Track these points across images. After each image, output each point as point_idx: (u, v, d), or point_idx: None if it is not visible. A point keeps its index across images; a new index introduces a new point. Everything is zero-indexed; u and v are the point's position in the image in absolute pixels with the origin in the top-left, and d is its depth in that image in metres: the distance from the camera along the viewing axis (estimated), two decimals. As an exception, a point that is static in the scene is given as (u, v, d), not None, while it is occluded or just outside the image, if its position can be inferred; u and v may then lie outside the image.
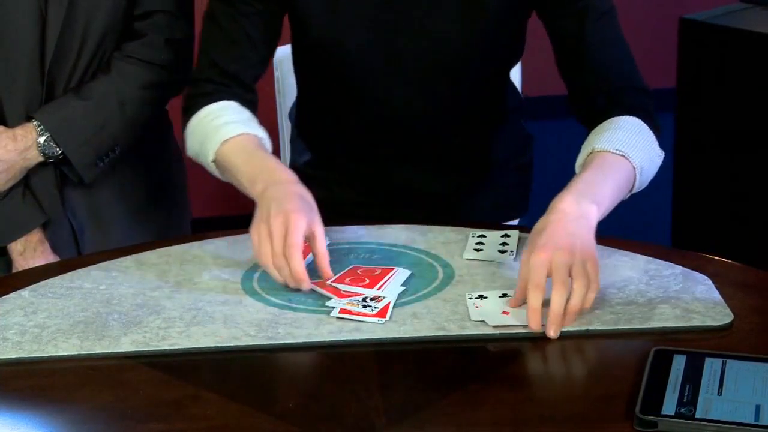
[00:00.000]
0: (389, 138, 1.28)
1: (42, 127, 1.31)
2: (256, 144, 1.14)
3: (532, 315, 0.92)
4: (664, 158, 1.14)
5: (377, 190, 1.32)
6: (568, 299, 0.92)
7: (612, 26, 1.17)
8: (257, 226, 1.02)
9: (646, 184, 1.11)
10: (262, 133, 1.17)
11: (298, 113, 1.39)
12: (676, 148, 2.07)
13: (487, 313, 0.95)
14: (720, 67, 1.95)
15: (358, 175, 1.32)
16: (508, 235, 1.12)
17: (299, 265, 0.99)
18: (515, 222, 1.40)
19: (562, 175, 1.07)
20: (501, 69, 1.30)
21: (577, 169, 1.08)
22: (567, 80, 1.19)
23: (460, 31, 1.19)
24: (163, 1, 1.34)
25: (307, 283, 1.00)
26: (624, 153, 1.06)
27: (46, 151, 1.32)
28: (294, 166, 1.40)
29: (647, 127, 1.11)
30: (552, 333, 0.91)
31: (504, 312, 0.95)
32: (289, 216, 1.00)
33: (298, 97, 1.38)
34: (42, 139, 1.31)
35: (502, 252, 1.08)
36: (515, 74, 1.57)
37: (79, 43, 1.32)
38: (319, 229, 1.02)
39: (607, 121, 1.11)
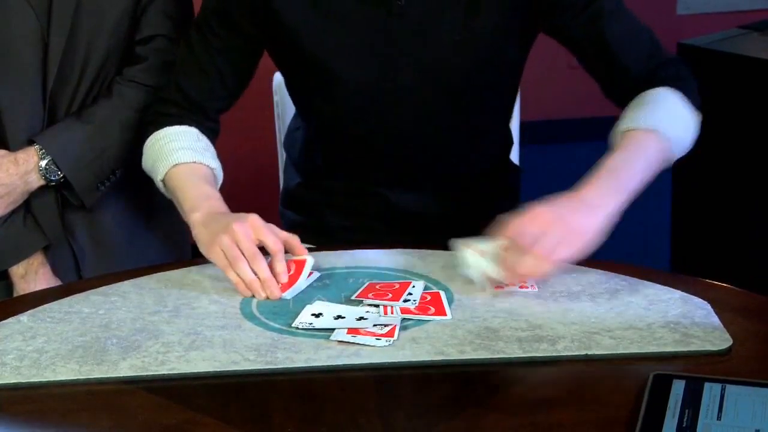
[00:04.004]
0: (381, 160, 1.27)
1: (43, 150, 1.31)
2: (204, 174, 1.19)
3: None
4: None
5: (367, 212, 1.31)
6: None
7: (625, 17, 1.21)
8: (217, 239, 1.05)
9: (685, 148, 1.16)
10: (214, 164, 1.21)
11: (290, 137, 1.39)
12: (674, 171, 2.07)
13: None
14: (717, 92, 1.96)
15: (348, 197, 1.31)
16: None
17: (267, 270, 1.04)
18: None
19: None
20: (500, 100, 1.30)
21: (610, 145, 1.13)
22: (596, 77, 1.24)
23: (458, 57, 1.20)
24: (163, 26, 1.35)
25: (277, 289, 1.04)
26: (653, 128, 1.10)
27: (48, 175, 1.32)
28: (286, 188, 1.40)
29: (677, 94, 1.16)
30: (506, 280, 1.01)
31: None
32: (244, 220, 1.06)
33: (293, 121, 1.37)
34: (43, 163, 1.31)
35: None
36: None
37: (81, 67, 1.33)
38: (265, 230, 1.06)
39: (638, 96, 1.17)
